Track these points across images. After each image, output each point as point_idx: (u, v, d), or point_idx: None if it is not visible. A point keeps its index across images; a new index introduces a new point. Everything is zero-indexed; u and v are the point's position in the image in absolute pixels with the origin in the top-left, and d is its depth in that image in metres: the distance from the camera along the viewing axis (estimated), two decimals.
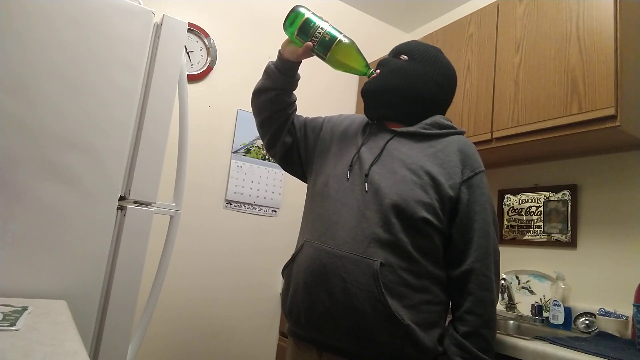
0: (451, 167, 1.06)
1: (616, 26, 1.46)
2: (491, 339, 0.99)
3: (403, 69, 1.14)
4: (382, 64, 1.18)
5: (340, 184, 1.09)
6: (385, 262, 0.97)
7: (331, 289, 0.98)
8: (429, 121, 1.13)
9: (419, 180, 1.03)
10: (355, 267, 0.97)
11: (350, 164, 1.11)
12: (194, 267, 2.17)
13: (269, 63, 1.22)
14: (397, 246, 0.99)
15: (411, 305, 0.98)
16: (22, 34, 1.08)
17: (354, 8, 2.86)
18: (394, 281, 0.97)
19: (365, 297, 0.95)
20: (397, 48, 1.21)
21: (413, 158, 1.07)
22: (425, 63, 1.15)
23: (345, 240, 1.01)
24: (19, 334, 0.68)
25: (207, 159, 2.26)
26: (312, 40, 1.10)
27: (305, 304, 1.03)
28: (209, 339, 2.18)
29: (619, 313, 1.55)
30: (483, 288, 1.00)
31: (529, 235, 1.97)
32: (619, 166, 1.71)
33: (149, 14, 1.25)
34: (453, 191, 1.04)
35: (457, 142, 1.11)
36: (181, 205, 1.37)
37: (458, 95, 2.03)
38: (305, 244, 1.09)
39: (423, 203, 1.01)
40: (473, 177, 1.07)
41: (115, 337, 1.13)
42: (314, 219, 1.11)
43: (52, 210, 1.08)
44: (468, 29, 2.07)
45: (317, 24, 1.11)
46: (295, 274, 1.08)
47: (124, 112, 1.19)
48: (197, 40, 2.26)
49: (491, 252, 1.03)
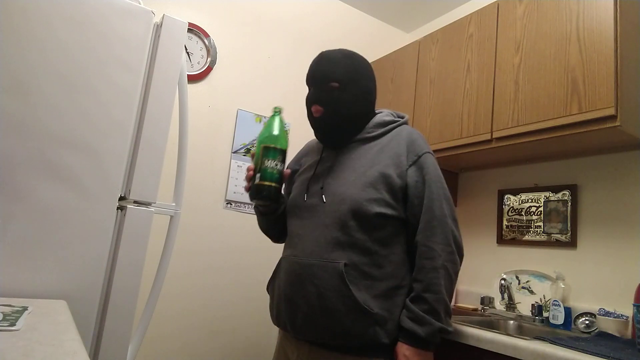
0: (397, 156, 1.16)
1: (616, 26, 1.46)
2: (434, 301, 1.06)
3: (342, 101, 1.20)
4: (320, 100, 1.21)
5: (302, 203, 1.22)
6: (348, 262, 1.08)
7: (307, 295, 1.09)
8: (371, 124, 1.24)
9: (367, 179, 1.13)
10: (324, 272, 1.08)
11: (307, 185, 1.24)
12: (194, 267, 2.17)
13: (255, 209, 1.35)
14: (356, 245, 1.09)
15: (378, 295, 1.08)
16: (22, 34, 1.08)
17: (354, 8, 2.86)
18: (358, 276, 1.08)
19: (336, 296, 1.06)
20: (323, 74, 1.21)
21: (362, 161, 1.18)
22: (356, 80, 1.22)
23: (312, 249, 1.12)
24: (19, 334, 0.68)
25: (207, 159, 2.26)
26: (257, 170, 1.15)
27: (287, 313, 1.14)
28: (209, 339, 2.18)
29: (619, 313, 1.55)
30: (423, 257, 1.10)
31: (529, 235, 1.97)
32: (619, 166, 1.71)
33: (149, 14, 1.25)
34: (401, 179, 1.14)
35: (400, 133, 1.22)
36: (181, 205, 1.37)
37: (458, 95, 2.04)
38: (282, 260, 1.23)
39: (374, 200, 1.11)
40: (417, 160, 1.17)
41: (115, 337, 1.13)
42: (287, 238, 1.25)
43: (52, 210, 1.08)
44: (468, 29, 2.07)
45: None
46: (277, 288, 1.20)
47: (124, 112, 1.19)
48: (197, 40, 2.26)
49: (435, 225, 1.11)
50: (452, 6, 2.71)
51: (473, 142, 1.91)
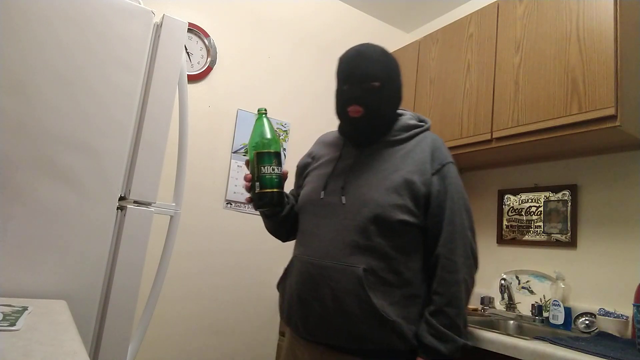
0: (422, 163, 1.13)
1: (616, 26, 1.46)
2: (455, 316, 1.04)
3: (383, 101, 1.16)
4: (360, 100, 1.14)
5: (318, 200, 1.17)
6: (367, 267, 1.05)
7: (321, 297, 1.07)
8: (397, 127, 1.20)
9: (390, 184, 1.09)
10: (341, 275, 1.05)
11: (325, 181, 1.19)
12: (193, 267, 2.17)
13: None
14: (376, 250, 1.06)
15: (395, 302, 1.06)
16: (22, 34, 1.08)
17: (354, 8, 2.86)
18: (377, 282, 1.05)
19: (353, 300, 1.03)
20: (364, 72, 1.15)
21: (385, 164, 1.14)
22: (393, 80, 1.18)
23: (327, 251, 1.09)
24: (19, 334, 0.68)
25: (207, 159, 2.26)
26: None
27: (300, 313, 1.11)
28: (209, 339, 2.18)
29: (619, 313, 1.55)
30: (445, 270, 1.07)
31: (529, 235, 1.97)
32: (619, 166, 1.71)
33: (149, 14, 1.25)
34: (425, 187, 1.11)
35: (425, 139, 1.19)
36: (181, 205, 1.37)
37: (458, 95, 2.04)
38: (294, 259, 1.19)
39: (398, 206, 1.07)
40: (441, 169, 1.14)
41: (115, 337, 1.13)
42: (300, 235, 1.21)
43: (52, 210, 1.08)
44: (468, 29, 2.07)
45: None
46: (289, 288, 1.17)
47: (124, 112, 1.19)
48: (197, 40, 2.26)
49: (456, 238, 1.09)
50: (452, 6, 2.71)
51: (473, 142, 1.91)
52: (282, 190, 1.12)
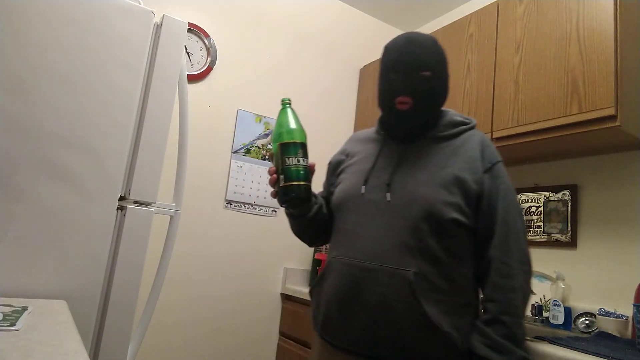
0: (473, 161, 1.06)
1: (616, 26, 1.46)
2: (513, 325, 0.96)
3: (434, 91, 1.08)
4: (409, 90, 1.06)
5: (358, 196, 1.08)
6: (418, 271, 0.96)
7: (367, 304, 0.98)
8: (444, 122, 1.13)
9: (441, 180, 1.02)
10: (390, 279, 0.97)
11: (365, 177, 1.10)
12: (193, 267, 2.17)
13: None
14: (427, 252, 0.98)
15: (448, 311, 0.98)
16: (21, 35, 1.08)
17: (354, 8, 2.86)
18: (428, 289, 0.96)
19: (403, 308, 0.95)
20: (415, 60, 1.06)
21: (433, 160, 1.06)
22: (444, 69, 1.11)
23: (373, 252, 1.00)
24: (19, 334, 0.68)
25: (207, 159, 2.26)
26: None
27: (341, 321, 1.02)
28: (209, 339, 2.18)
29: (619, 313, 1.55)
30: (500, 275, 0.99)
31: (529, 235, 1.97)
32: (619, 166, 1.71)
33: (149, 14, 1.25)
34: (477, 185, 1.03)
35: (473, 137, 1.11)
36: (181, 205, 1.37)
37: (458, 95, 2.04)
38: (332, 261, 1.08)
39: (449, 203, 1.00)
40: (492, 167, 1.07)
41: (115, 337, 1.13)
42: (338, 235, 1.11)
43: (52, 210, 1.08)
44: (468, 29, 2.07)
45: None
46: (326, 293, 1.07)
47: (124, 112, 1.19)
48: (197, 40, 2.26)
49: (511, 240, 1.01)
50: (452, 6, 2.71)
51: None
52: (309, 184, 1.03)
